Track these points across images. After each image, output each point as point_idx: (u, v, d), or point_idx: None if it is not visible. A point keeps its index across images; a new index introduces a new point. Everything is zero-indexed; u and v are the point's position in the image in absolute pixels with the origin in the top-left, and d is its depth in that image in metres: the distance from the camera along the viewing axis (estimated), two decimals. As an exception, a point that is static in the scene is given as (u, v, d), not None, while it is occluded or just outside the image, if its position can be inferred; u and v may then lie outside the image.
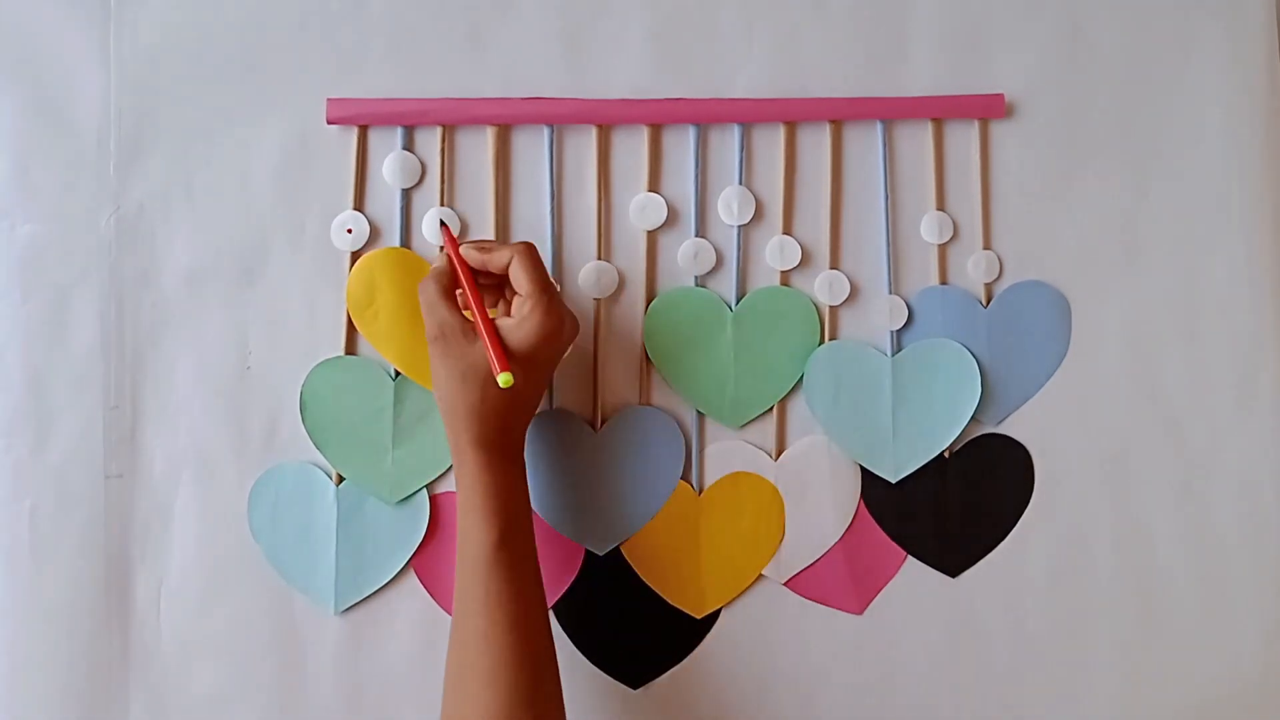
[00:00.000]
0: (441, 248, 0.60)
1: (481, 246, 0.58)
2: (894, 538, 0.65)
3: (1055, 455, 0.66)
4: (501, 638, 0.54)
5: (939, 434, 0.65)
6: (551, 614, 0.63)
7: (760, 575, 0.65)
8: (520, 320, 0.55)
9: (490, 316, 0.56)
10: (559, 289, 0.62)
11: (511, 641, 0.54)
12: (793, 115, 0.65)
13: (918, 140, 0.66)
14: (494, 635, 0.54)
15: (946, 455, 0.66)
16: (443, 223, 0.61)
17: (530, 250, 0.57)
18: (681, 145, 0.65)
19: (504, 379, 0.52)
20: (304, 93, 0.63)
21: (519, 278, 0.56)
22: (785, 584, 0.65)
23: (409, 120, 0.63)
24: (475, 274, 0.58)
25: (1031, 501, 0.66)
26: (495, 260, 0.57)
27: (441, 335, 0.56)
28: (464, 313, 0.57)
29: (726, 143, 0.65)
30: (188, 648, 0.62)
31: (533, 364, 0.56)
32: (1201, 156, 0.67)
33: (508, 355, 0.54)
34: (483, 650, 0.54)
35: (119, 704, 0.62)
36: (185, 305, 0.63)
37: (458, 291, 0.58)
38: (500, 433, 0.56)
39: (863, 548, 0.65)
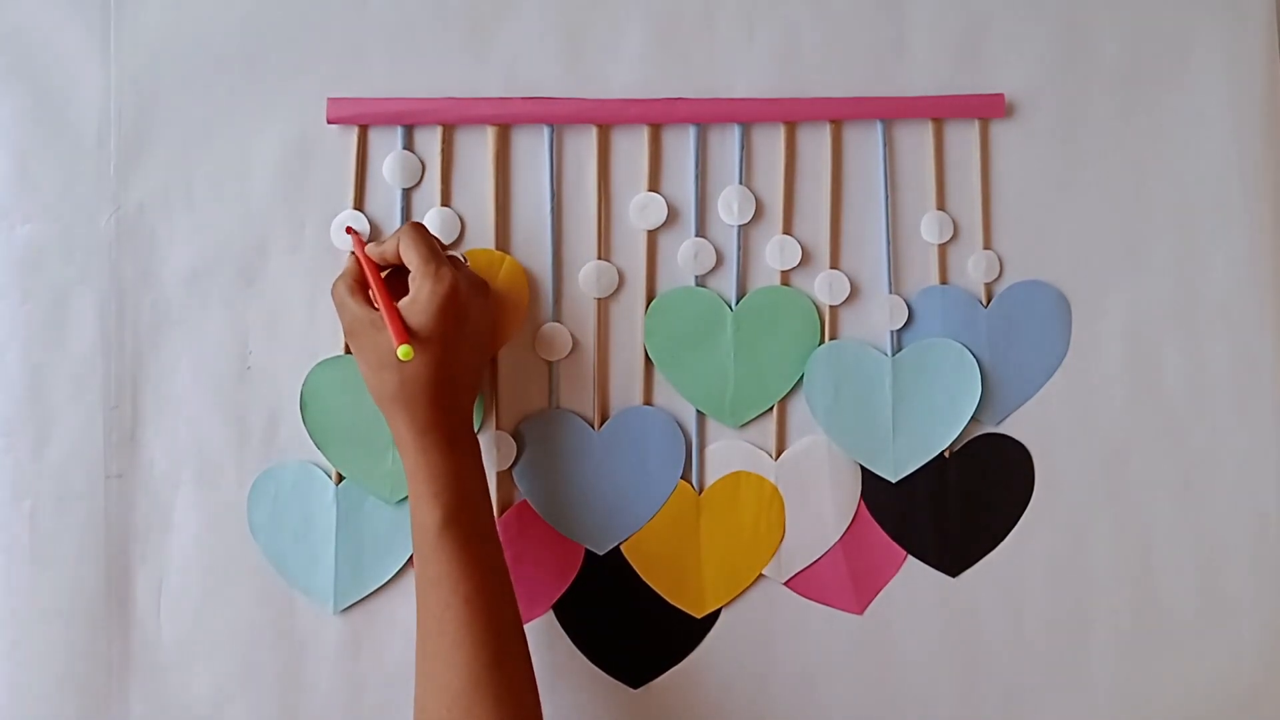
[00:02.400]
0: (352, 253, 0.60)
1: (379, 242, 0.58)
2: (894, 538, 0.65)
3: (1055, 455, 0.66)
4: (456, 617, 0.53)
5: (939, 434, 0.65)
6: (551, 614, 0.63)
7: (760, 575, 0.65)
8: (414, 296, 0.55)
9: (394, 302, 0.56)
10: (465, 261, 0.61)
11: (467, 619, 0.53)
12: (793, 115, 0.65)
13: (918, 140, 0.66)
14: (448, 616, 0.53)
15: (946, 455, 0.66)
16: (349, 228, 0.62)
17: (412, 229, 0.57)
18: (681, 145, 0.65)
19: (402, 351, 0.52)
20: (304, 93, 0.63)
21: (407, 257, 0.56)
22: (785, 584, 0.65)
23: (409, 120, 0.63)
24: (382, 269, 0.58)
25: (1031, 501, 0.66)
26: (388, 250, 0.57)
27: (353, 330, 0.57)
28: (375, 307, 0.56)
29: (726, 143, 0.65)
30: (188, 648, 0.62)
31: (441, 336, 0.55)
32: (1201, 156, 0.67)
33: (411, 333, 0.54)
34: (439, 631, 0.54)
35: (119, 704, 0.62)
36: (185, 305, 0.63)
37: (370, 292, 0.58)
38: (433, 413, 0.55)
39: (863, 548, 0.65)
